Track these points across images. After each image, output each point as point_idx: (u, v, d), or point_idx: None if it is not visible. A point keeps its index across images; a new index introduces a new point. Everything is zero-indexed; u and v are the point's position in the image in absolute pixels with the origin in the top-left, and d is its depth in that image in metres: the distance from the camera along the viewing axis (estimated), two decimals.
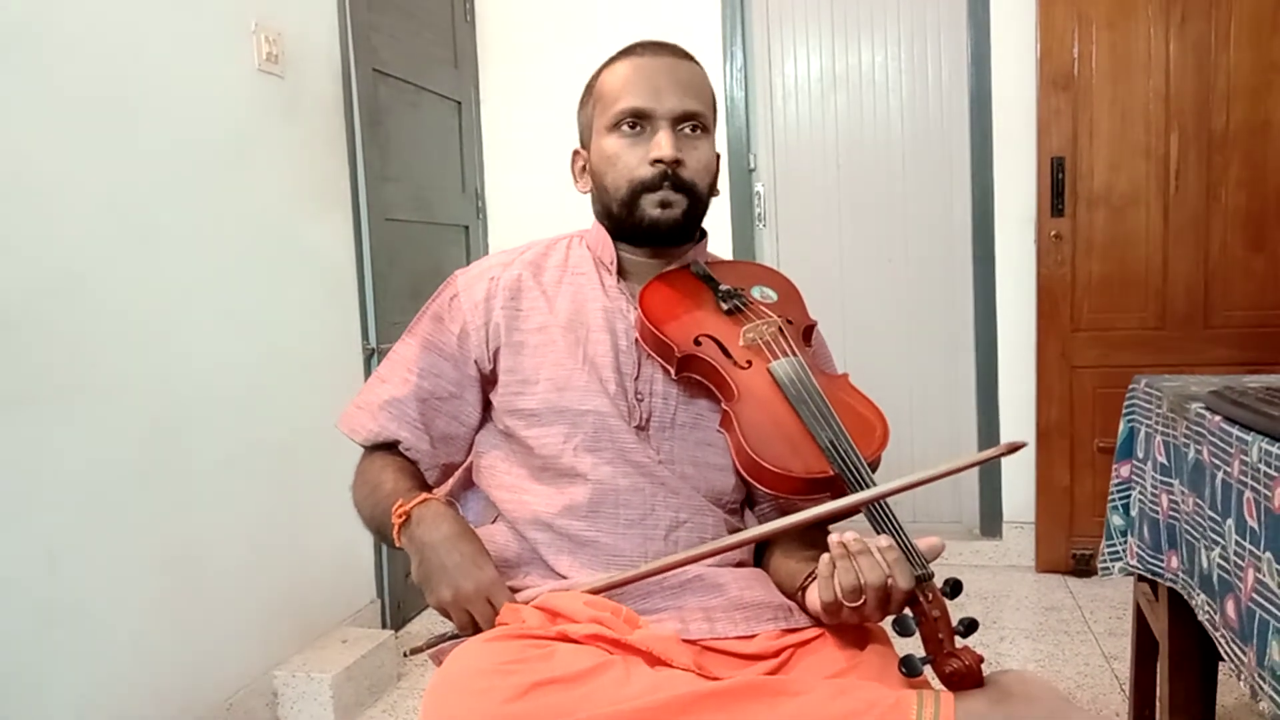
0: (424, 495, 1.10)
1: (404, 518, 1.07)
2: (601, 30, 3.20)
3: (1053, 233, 2.88)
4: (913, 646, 0.89)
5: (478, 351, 1.17)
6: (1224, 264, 2.80)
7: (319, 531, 2.36)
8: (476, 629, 1.03)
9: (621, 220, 1.15)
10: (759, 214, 3.29)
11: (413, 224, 2.89)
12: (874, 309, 3.25)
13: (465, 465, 1.28)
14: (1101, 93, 2.82)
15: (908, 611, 0.89)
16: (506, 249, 1.26)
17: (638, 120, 1.12)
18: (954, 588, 0.90)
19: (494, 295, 1.17)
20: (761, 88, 3.27)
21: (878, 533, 0.93)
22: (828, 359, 1.26)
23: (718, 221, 3.21)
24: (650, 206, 1.12)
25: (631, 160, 1.12)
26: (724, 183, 3.21)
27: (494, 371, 1.17)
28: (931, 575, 0.89)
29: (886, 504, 0.94)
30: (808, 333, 1.17)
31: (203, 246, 2.04)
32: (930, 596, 0.88)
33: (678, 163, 1.11)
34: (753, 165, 3.27)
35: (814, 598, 0.95)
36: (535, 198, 3.21)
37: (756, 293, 1.18)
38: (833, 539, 0.92)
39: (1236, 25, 2.72)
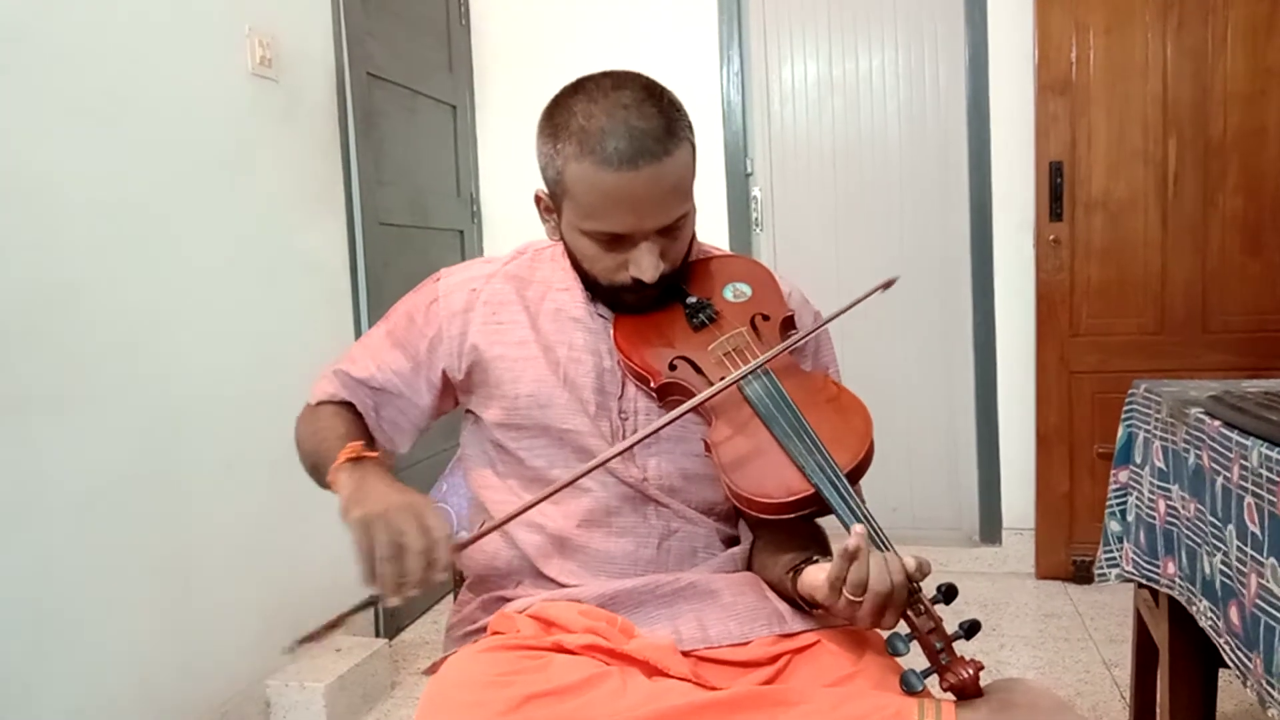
0: (376, 453, 1.09)
1: (356, 456, 1.04)
2: (598, 35, 3.19)
3: (1051, 238, 2.87)
4: (911, 659, 0.87)
5: (447, 361, 1.16)
6: (1222, 269, 2.80)
7: (313, 539, 2.35)
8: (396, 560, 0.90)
9: (595, 293, 1.13)
10: (756, 219, 3.28)
11: (407, 228, 2.88)
12: (871, 314, 3.22)
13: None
14: (1099, 98, 2.81)
15: (900, 629, 0.87)
16: (493, 256, 1.24)
17: (615, 238, 1.04)
18: (947, 594, 0.88)
19: (473, 308, 1.15)
20: (759, 92, 3.27)
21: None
22: (818, 352, 1.22)
23: (715, 226, 3.20)
24: (629, 299, 1.10)
25: (610, 265, 1.06)
26: (720, 187, 3.23)
27: (468, 382, 1.16)
28: (918, 590, 0.87)
29: (874, 519, 0.91)
30: (786, 324, 1.13)
31: (197, 251, 2.03)
32: (921, 609, 0.86)
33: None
34: (750, 170, 3.26)
35: (809, 580, 0.93)
36: (530, 202, 3.20)
37: (729, 293, 1.15)
38: (856, 529, 0.88)
39: (1233, 31, 2.72)
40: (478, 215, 3.33)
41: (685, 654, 0.99)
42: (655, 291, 1.08)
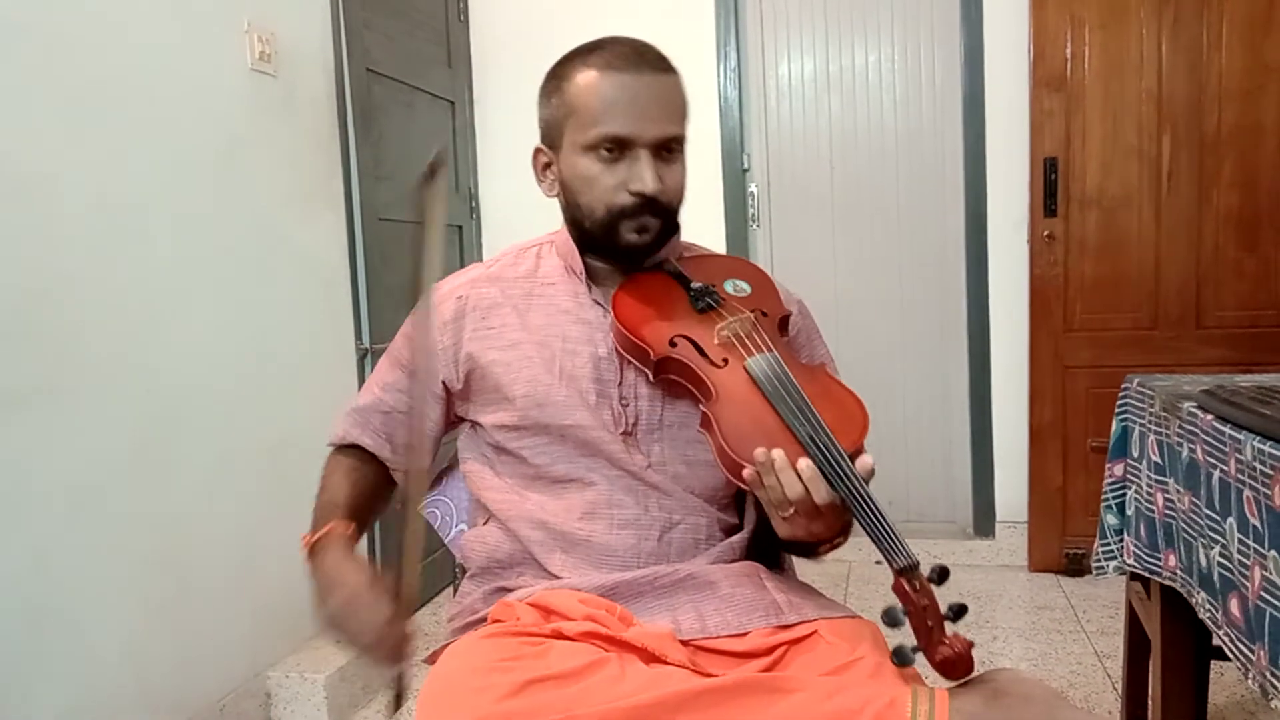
0: (328, 527, 1.12)
1: (309, 549, 1.11)
2: (595, 30, 3.17)
3: (1045, 233, 2.88)
4: (904, 636, 0.89)
5: (445, 372, 1.18)
6: (1216, 265, 2.81)
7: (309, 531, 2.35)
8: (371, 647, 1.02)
9: (595, 238, 1.14)
10: (752, 214, 3.29)
11: (406, 224, 2.88)
12: (867, 309, 3.25)
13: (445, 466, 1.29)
14: (1094, 94, 2.83)
15: (896, 603, 0.88)
16: (477, 263, 1.26)
17: (616, 144, 1.08)
18: (941, 574, 0.90)
19: (463, 315, 1.17)
20: (755, 88, 3.28)
21: (856, 520, 0.93)
22: (810, 343, 1.25)
23: (711, 222, 3.21)
24: (628, 232, 1.10)
25: (609, 184, 1.09)
26: (717, 183, 3.24)
27: (466, 390, 1.18)
28: (917, 564, 0.89)
29: (874, 500, 0.92)
30: (783, 323, 1.16)
31: (194, 246, 2.03)
32: (917, 586, 0.88)
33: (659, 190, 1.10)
34: (746, 166, 3.27)
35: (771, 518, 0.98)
36: (528, 198, 3.19)
37: (729, 287, 1.17)
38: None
39: (1229, 27, 2.73)
40: (476, 211, 3.34)
41: (683, 643, 1.00)
42: (657, 223, 1.10)
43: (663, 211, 1.10)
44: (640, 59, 1.09)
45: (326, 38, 2.52)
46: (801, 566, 1.30)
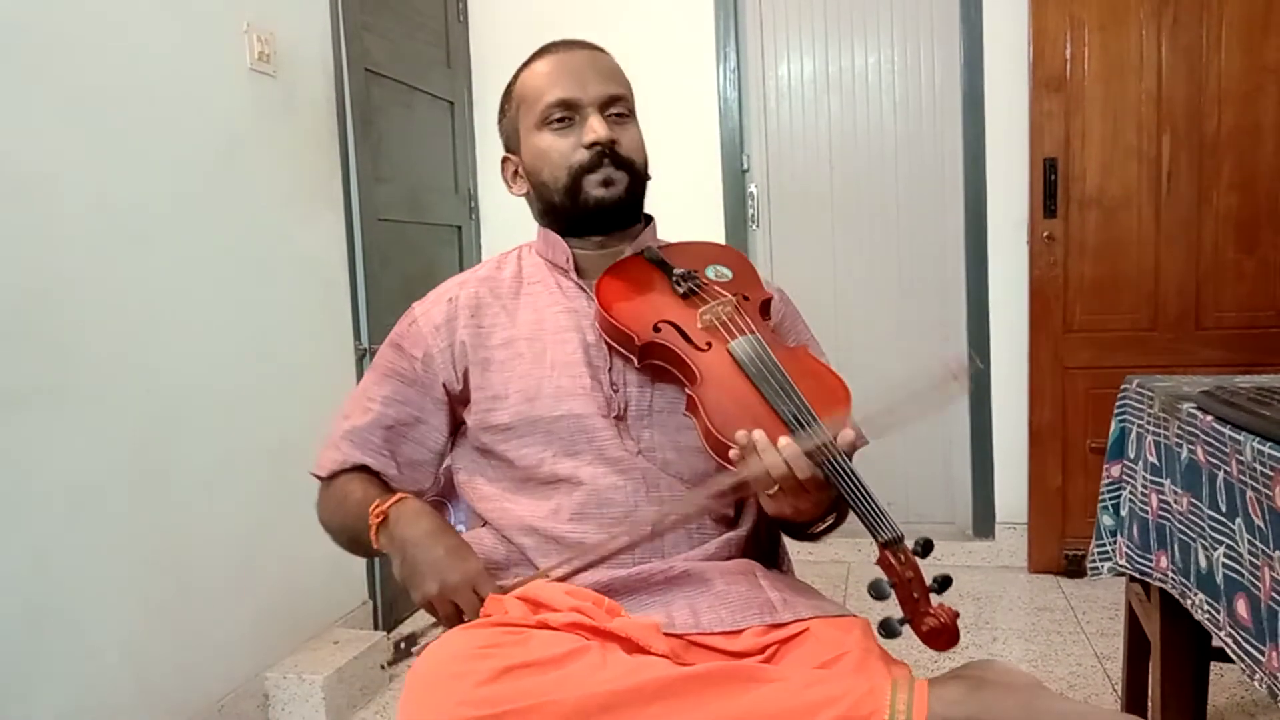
0: (399, 495, 1.12)
1: (382, 518, 1.09)
2: (595, 31, 3.17)
3: (1045, 234, 2.88)
4: (891, 609, 0.90)
5: (445, 374, 1.17)
6: (1215, 266, 2.82)
7: (310, 533, 2.33)
8: (462, 622, 1.03)
9: (566, 210, 1.16)
10: (752, 215, 3.29)
11: (405, 224, 2.89)
12: (867, 309, 3.25)
13: (447, 471, 1.29)
14: (1093, 95, 2.83)
15: (881, 575, 0.90)
16: (458, 274, 1.27)
17: (566, 112, 1.14)
18: (925, 547, 0.91)
19: (455, 316, 1.18)
20: (755, 89, 3.28)
21: (841, 496, 0.94)
22: (795, 328, 1.26)
23: (711, 223, 3.21)
24: (593, 187, 1.13)
25: (566, 149, 1.14)
26: (717, 183, 3.24)
27: (465, 390, 1.17)
28: (901, 537, 0.90)
29: (857, 475, 0.93)
30: (765, 306, 1.17)
31: (194, 247, 2.03)
32: (902, 558, 0.89)
33: (613, 142, 1.13)
34: (746, 166, 3.27)
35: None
36: (525, 200, 3.21)
37: (711, 272, 1.18)
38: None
39: (1228, 29, 2.74)
40: (475, 211, 3.34)
41: (678, 637, 1.00)
42: (623, 176, 1.14)
43: (625, 164, 1.14)
44: (572, 42, 1.19)
45: (326, 38, 2.52)
46: (800, 567, 1.30)
